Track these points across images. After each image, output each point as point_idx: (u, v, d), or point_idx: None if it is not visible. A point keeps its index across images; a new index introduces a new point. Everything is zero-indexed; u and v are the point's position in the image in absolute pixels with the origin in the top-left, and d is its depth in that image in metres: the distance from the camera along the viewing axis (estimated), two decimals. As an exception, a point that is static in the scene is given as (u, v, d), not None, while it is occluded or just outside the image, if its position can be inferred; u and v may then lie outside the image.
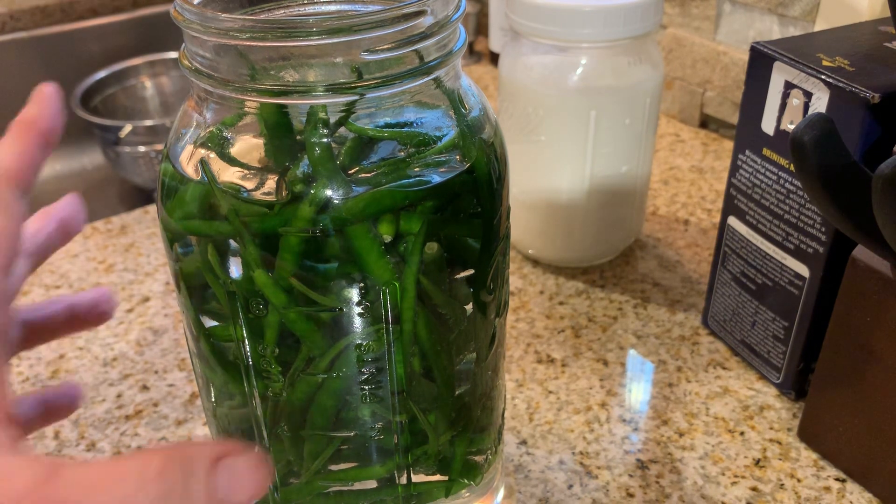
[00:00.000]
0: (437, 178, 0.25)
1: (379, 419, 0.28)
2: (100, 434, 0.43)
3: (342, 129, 0.24)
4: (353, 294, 0.25)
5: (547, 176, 0.51)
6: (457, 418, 0.30)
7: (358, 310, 0.25)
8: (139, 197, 0.95)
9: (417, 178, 0.25)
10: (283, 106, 0.24)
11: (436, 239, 0.25)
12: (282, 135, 0.24)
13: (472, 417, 0.30)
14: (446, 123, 0.26)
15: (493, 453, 0.33)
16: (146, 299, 0.54)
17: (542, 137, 0.50)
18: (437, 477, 0.30)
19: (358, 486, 0.29)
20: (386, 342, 0.26)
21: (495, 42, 0.87)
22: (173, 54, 0.99)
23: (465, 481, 0.31)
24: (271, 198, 0.24)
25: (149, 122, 0.83)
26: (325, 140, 0.24)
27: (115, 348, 0.50)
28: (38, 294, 0.55)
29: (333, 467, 0.29)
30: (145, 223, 0.63)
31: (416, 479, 0.30)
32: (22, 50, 0.97)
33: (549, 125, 0.49)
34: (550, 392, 0.45)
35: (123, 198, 0.99)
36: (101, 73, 0.93)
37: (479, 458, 0.32)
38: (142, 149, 0.84)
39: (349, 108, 0.24)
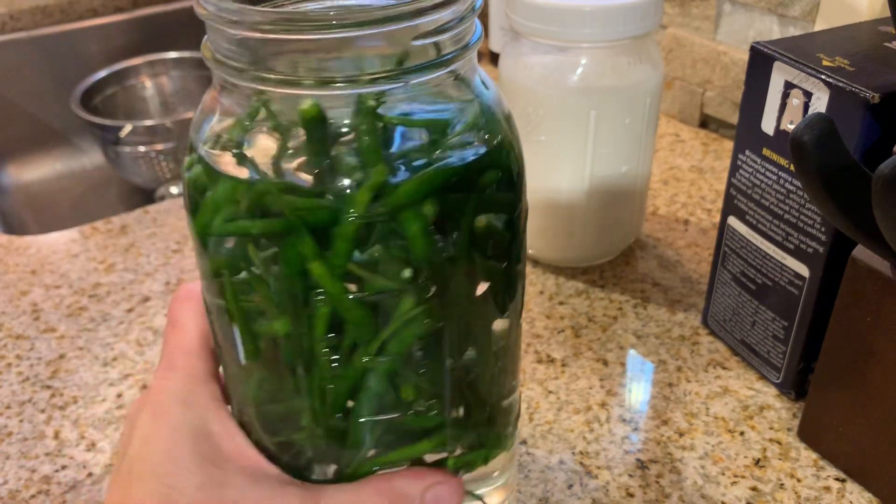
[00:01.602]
0: (473, 155, 0.26)
1: (433, 396, 0.29)
2: (100, 434, 0.44)
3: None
4: (407, 274, 0.25)
5: (547, 176, 0.51)
6: (493, 389, 0.31)
7: (412, 289, 0.26)
8: (139, 197, 0.95)
9: (459, 156, 0.26)
10: (322, 98, 0.24)
11: (471, 218, 0.26)
12: (322, 127, 0.24)
13: (507, 386, 0.32)
14: (468, 108, 0.27)
15: (516, 425, 0.34)
16: (146, 299, 0.54)
17: (542, 137, 0.50)
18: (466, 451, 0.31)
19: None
20: (439, 319, 0.27)
21: (495, 42, 0.87)
22: (173, 54, 0.99)
23: (498, 450, 0.32)
24: (321, 189, 0.25)
25: (149, 122, 0.83)
26: (374, 127, 0.24)
27: (116, 348, 0.50)
28: (38, 294, 0.55)
29: (378, 452, 0.29)
30: (145, 223, 0.63)
31: (458, 451, 0.31)
32: (22, 50, 0.97)
33: (549, 125, 0.49)
34: (550, 392, 0.45)
35: (123, 198, 0.99)
36: (101, 73, 0.93)
37: (509, 429, 0.33)
38: (142, 149, 0.84)
39: (380, 98, 0.24)
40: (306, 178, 0.25)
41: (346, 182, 0.24)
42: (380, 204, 0.24)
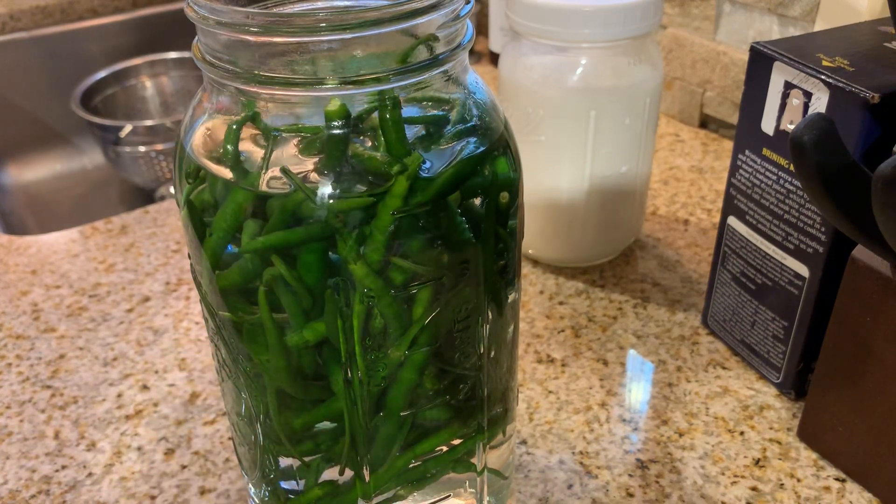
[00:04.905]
0: (483, 144, 0.26)
1: (464, 380, 0.29)
2: (100, 434, 0.44)
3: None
4: (444, 260, 0.26)
5: (547, 176, 0.51)
6: (511, 370, 0.32)
7: (451, 274, 0.26)
8: (139, 197, 0.95)
9: (472, 146, 0.26)
10: (312, 99, 0.24)
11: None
12: (346, 126, 0.24)
13: (515, 370, 0.33)
14: (466, 103, 0.27)
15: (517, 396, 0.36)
16: (146, 299, 0.54)
17: (542, 137, 0.50)
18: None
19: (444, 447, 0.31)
20: (472, 299, 0.27)
21: (495, 42, 0.87)
22: (173, 54, 0.99)
23: (512, 422, 0.34)
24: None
25: (149, 122, 0.84)
26: (399, 119, 0.24)
27: (115, 348, 0.50)
28: (38, 294, 0.55)
29: (408, 443, 0.30)
30: (145, 223, 0.63)
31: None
32: (22, 50, 0.97)
33: (549, 125, 0.49)
34: (550, 392, 0.45)
35: (123, 198, 0.99)
36: (101, 73, 0.93)
37: (515, 401, 0.35)
38: (142, 149, 0.84)
39: (383, 95, 0.25)
40: (324, 180, 0.25)
41: (391, 174, 0.24)
42: (419, 194, 0.24)
